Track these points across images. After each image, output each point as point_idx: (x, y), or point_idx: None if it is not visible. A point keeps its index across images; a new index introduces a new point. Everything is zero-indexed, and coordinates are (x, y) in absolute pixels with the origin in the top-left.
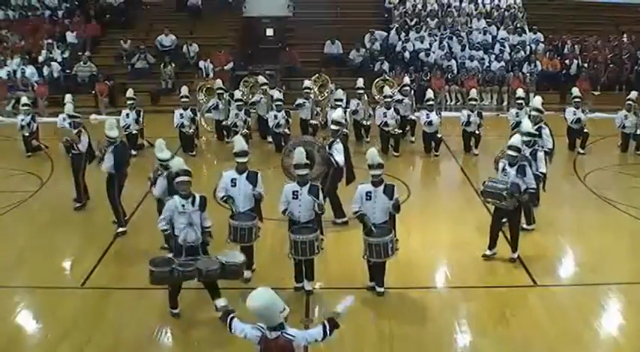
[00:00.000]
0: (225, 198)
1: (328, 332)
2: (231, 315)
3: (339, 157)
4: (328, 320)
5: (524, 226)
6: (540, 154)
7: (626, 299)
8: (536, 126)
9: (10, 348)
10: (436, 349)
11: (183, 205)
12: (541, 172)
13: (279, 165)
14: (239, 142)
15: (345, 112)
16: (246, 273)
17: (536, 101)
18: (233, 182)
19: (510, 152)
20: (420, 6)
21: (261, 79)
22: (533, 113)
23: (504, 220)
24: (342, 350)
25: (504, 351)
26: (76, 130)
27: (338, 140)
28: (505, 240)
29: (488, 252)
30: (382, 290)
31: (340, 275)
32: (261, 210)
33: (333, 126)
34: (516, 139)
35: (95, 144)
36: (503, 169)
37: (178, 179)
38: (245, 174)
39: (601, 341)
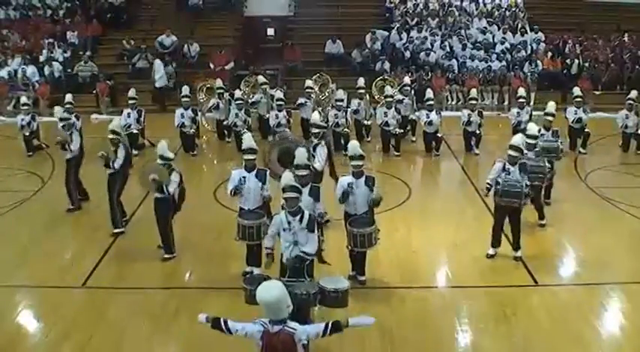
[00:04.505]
0: (233, 191)
1: (328, 332)
2: (222, 319)
3: (317, 164)
4: (333, 323)
5: (540, 222)
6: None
7: (626, 299)
8: (551, 131)
9: (10, 348)
10: (437, 348)
11: (289, 222)
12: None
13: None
14: (247, 139)
15: (345, 112)
16: (255, 271)
17: (551, 106)
18: (242, 180)
19: (512, 152)
20: (421, 5)
21: (260, 78)
22: (549, 118)
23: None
24: (342, 349)
25: (505, 350)
26: (70, 131)
27: (323, 143)
28: (505, 239)
29: (491, 251)
30: (364, 278)
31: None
32: (270, 208)
33: (313, 130)
34: (518, 139)
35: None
36: (504, 169)
37: (286, 195)
38: (254, 172)
39: (602, 340)
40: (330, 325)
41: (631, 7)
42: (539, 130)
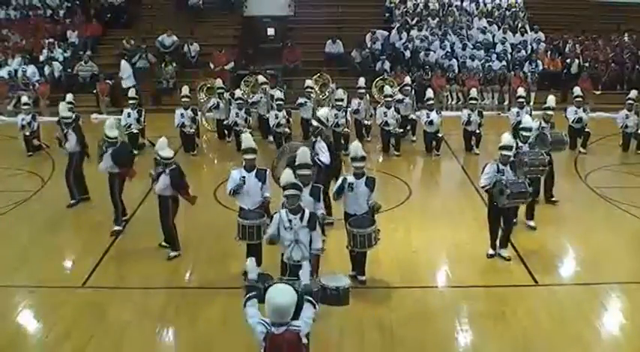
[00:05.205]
0: (233, 190)
1: (314, 305)
2: (253, 294)
3: (324, 157)
4: (306, 297)
5: (531, 223)
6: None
7: (626, 299)
8: (549, 125)
9: (11, 348)
10: (437, 348)
11: (290, 220)
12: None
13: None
14: (247, 139)
15: (345, 112)
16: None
17: (550, 100)
18: (242, 180)
19: (505, 152)
20: (421, 5)
21: (261, 78)
22: (549, 112)
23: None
24: (342, 349)
25: (505, 350)
26: (65, 130)
27: (319, 138)
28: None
29: (491, 252)
30: (364, 278)
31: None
32: (269, 208)
33: (314, 123)
34: (509, 138)
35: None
36: (499, 170)
37: (286, 192)
38: (254, 172)
39: (601, 340)
40: (310, 299)
41: (631, 6)
42: (540, 124)
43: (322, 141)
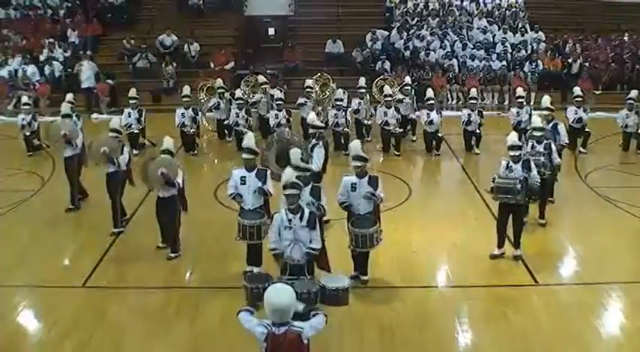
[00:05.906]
0: (233, 196)
1: (327, 318)
2: (245, 309)
3: (314, 166)
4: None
5: (540, 220)
6: (561, 127)
7: (627, 298)
8: (551, 124)
9: (11, 347)
10: (437, 348)
11: (290, 220)
12: (565, 142)
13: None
14: (247, 139)
15: (345, 112)
16: (255, 270)
17: (545, 100)
18: (242, 180)
19: (513, 152)
20: (421, 5)
21: (261, 78)
22: (545, 112)
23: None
24: (342, 349)
25: (505, 350)
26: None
27: (320, 144)
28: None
29: (496, 252)
30: (366, 278)
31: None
32: (269, 207)
33: (310, 130)
34: (514, 138)
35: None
36: (508, 167)
37: (286, 192)
38: (254, 172)
39: (602, 340)
40: (324, 313)
41: (631, 6)
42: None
43: (322, 147)
